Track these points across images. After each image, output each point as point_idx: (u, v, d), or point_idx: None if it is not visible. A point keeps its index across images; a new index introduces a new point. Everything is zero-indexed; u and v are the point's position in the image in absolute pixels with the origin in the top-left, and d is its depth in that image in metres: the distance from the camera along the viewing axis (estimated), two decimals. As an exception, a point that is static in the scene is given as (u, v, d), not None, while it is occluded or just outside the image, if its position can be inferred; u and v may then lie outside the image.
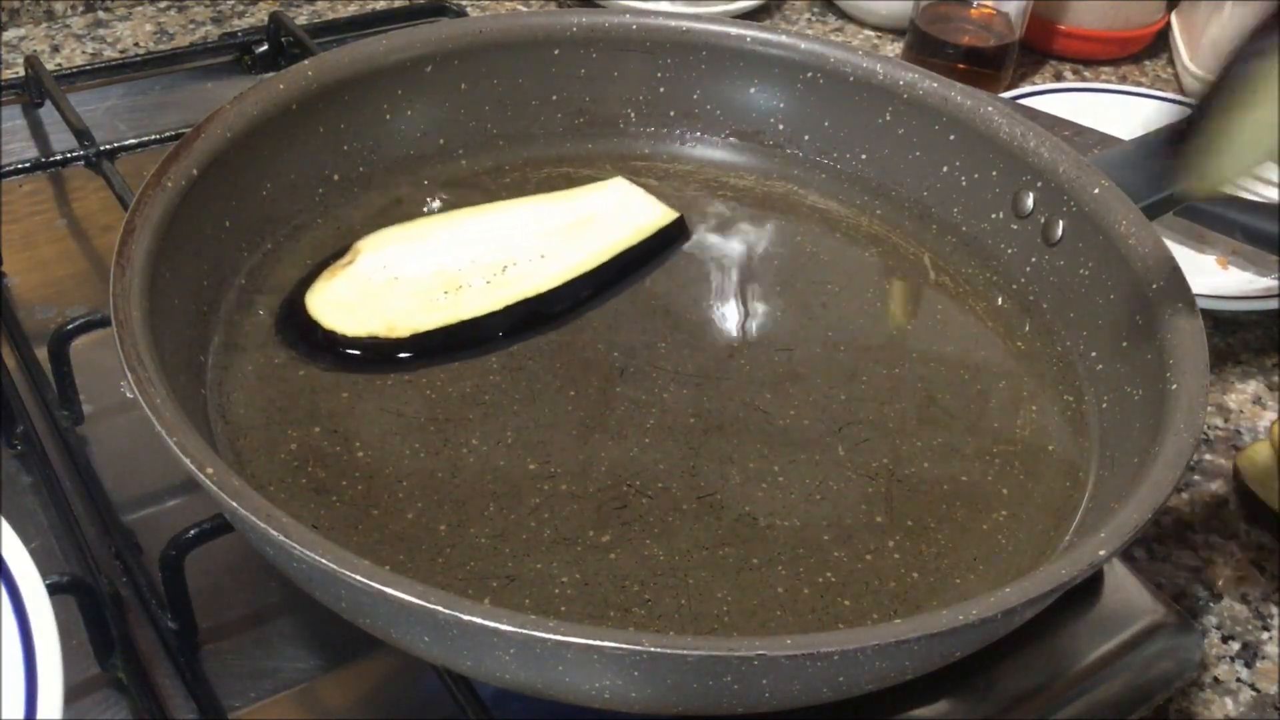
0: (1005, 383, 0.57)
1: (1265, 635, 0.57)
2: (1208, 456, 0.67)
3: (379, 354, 0.54)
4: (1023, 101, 0.85)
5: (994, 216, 0.62)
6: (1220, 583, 0.59)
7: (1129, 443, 0.50)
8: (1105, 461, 0.51)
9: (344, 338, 0.54)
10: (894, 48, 1.00)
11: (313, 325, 0.54)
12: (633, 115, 0.69)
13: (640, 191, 0.64)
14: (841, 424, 0.54)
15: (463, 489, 0.49)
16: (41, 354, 0.57)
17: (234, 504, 0.39)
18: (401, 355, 0.54)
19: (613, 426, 0.52)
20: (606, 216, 0.61)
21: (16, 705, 0.35)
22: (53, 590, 0.39)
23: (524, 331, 0.56)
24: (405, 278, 0.56)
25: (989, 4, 0.93)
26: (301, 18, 0.93)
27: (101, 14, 0.92)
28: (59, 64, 0.86)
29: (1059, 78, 1.00)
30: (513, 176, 0.65)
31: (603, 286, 0.59)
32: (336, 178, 0.62)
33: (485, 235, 0.59)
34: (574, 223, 0.60)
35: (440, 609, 0.36)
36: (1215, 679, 0.55)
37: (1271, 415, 0.70)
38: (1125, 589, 0.54)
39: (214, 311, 0.54)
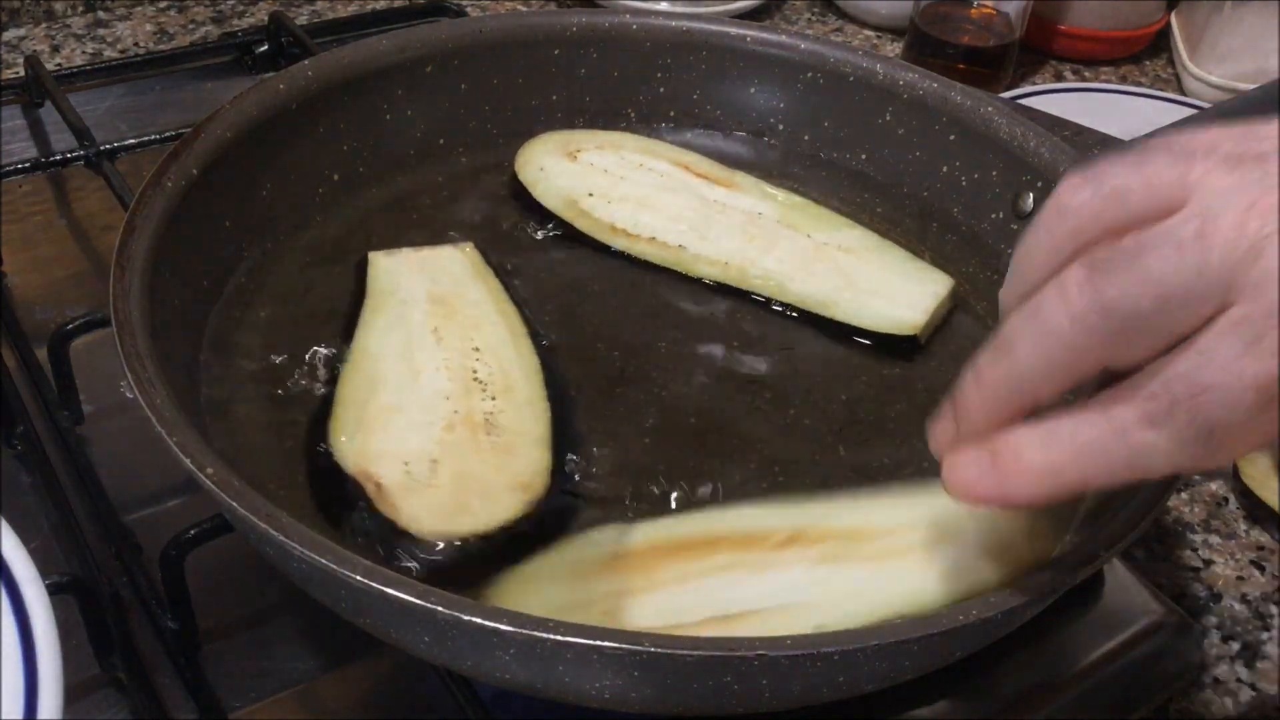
0: (1005, 383, 0.56)
1: (1265, 635, 0.57)
2: (1208, 456, 0.67)
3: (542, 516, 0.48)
4: (1023, 101, 0.85)
5: (994, 216, 0.62)
6: (1220, 583, 0.59)
7: (1129, 443, 0.50)
8: (1105, 461, 0.51)
9: (509, 523, 0.47)
10: (894, 48, 1.00)
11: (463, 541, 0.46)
12: (633, 115, 0.69)
13: (408, 252, 0.59)
14: (841, 424, 0.54)
15: (463, 489, 0.49)
16: (41, 354, 0.57)
17: (234, 504, 0.39)
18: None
19: (613, 426, 0.52)
20: (442, 291, 0.56)
21: (16, 705, 0.35)
22: (53, 590, 0.39)
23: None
24: (441, 455, 0.49)
25: (989, 4, 0.93)
26: (301, 18, 0.93)
27: (101, 14, 0.92)
28: (59, 64, 0.86)
29: (1059, 78, 1.00)
30: (511, 173, 0.65)
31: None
32: (336, 177, 0.62)
33: (425, 377, 0.52)
34: (438, 313, 0.55)
35: (440, 609, 0.36)
36: (1215, 679, 0.55)
37: (1271, 415, 0.70)
38: (1125, 589, 0.54)
39: (214, 311, 0.54)
